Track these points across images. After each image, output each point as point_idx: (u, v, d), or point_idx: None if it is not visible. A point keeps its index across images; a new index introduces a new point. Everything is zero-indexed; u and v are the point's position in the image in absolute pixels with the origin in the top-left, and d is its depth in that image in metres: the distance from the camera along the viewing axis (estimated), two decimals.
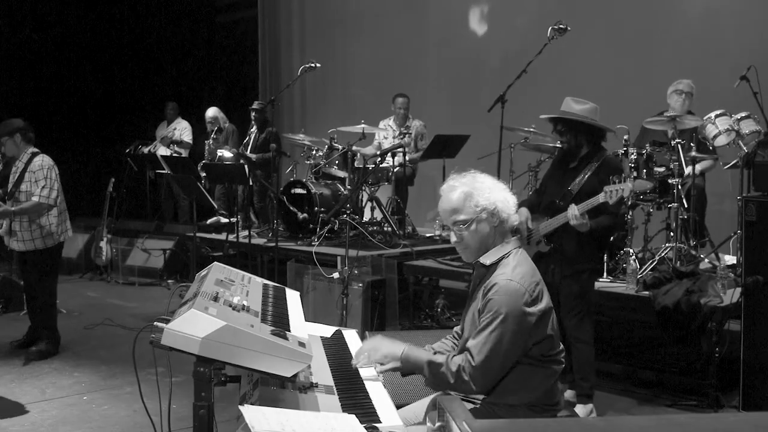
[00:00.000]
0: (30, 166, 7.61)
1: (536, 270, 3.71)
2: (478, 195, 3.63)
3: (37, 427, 6.00)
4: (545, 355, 3.65)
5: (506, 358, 3.52)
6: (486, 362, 3.49)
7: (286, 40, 15.02)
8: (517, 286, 3.52)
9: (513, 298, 3.50)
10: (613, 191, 5.46)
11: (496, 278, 3.58)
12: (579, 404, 5.93)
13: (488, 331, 3.50)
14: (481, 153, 8.64)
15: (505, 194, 3.70)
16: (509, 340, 3.48)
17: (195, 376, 2.99)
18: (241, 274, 3.92)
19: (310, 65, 9.36)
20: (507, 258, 3.66)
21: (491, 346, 3.48)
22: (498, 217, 3.64)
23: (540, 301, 3.58)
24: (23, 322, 8.25)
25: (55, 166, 7.72)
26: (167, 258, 11.71)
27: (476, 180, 3.70)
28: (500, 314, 3.48)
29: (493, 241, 3.69)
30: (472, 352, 3.51)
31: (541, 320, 3.58)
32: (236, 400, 3.45)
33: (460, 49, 12.18)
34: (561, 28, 7.52)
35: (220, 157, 11.10)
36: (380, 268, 8.28)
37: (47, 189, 7.59)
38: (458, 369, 3.53)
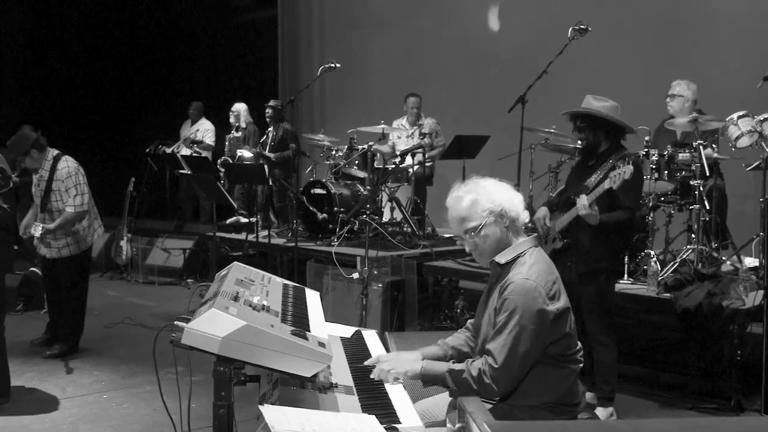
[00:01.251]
0: (56, 174, 7.47)
1: (553, 268, 3.71)
2: (483, 199, 3.64)
3: (58, 425, 6.02)
4: (563, 355, 3.64)
5: (526, 358, 3.51)
6: (507, 363, 3.47)
7: (305, 40, 15.03)
8: (534, 285, 3.51)
9: (530, 297, 3.49)
10: (616, 175, 5.42)
11: (512, 277, 3.57)
12: (599, 407, 5.89)
13: (507, 332, 3.49)
14: (500, 154, 8.62)
15: (510, 193, 3.69)
16: (528, 340, 3.47)
17: (215, 375, 2.99)
18: (261, 274, 3.92)
19: (329, 65, 9.35)
20: (523, 256, 3.65)
21: (511, 346, 3.47)
22: (507, 216, 3.64)
23: (557, 300, 3.57)
24: (43, 321, 8.28)
25: (80, 167, 7.64)
26: (187, 257, 11.74)
27: (479, 185, 3.70)
28: (517, 314, 3.48)
29: (506, 241, 3.69)
30: (492, 354, 3.50)
31: (559, 319, 3.56)
32: (255, 399, 3.45)
33: (479, 48, 12.15)
34: (582, 28, 7.49)
35: (240, 157, 11.11)
36: (400, 268, 8.26)
37: (79, 196, 7.52)
38: (479, 373, 3.51)
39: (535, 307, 3.48)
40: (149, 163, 12.74)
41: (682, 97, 7.81)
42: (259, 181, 9.99)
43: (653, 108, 8.16)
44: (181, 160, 11.15)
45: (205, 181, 9.57)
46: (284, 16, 15.20)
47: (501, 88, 10.58)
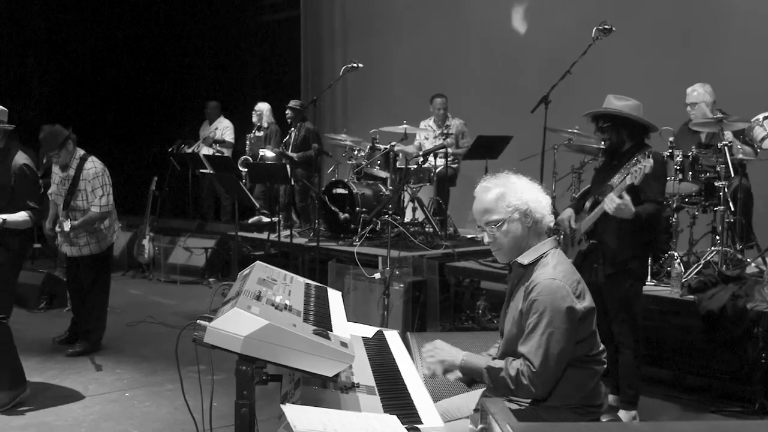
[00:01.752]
0: (83, 174, 7.55)
1: (575, 269, 3.70)
2: (511, 195, 3.64)
3: (80, 422, 6.05)
4: (587, 355, 3.63)
5: (561, 357, 3.50)
6: (543, 364, 3.47)
7: (328, 40, 15.04)
8: (561, 284, 3.51)
9: (558, 296, 3.49)
10: (636, 170, 5.37)
11: (537, 278, 3.57)
12: (622, 410, 5.85)
13: (539, 334, 3.48)
14: (523, 154, 8.59)
15: (538, 194, 3.69)
16: (561, 339, 3.47)
17: (237, 374, 2.99)
18: (284, 274, 3.92)
19: (352, 65, 9.34)
20: (545, 257, 3.65)
21: (545, 347, 3.47)
22: (531, 217, 3.64)
23: (583, 299, 3.56)
24: (66, 319, 8.32)
25: (105, 168, 7.71)
26: (209, 257, 11.77)
27: (509, 180, 3.71)
28: (548, 314, 3.48)
29: (527, 241, 3.70)
30: (528, 358, 3.50)
31: (585, 318, 3.57)
32: (276, 399, 3.45)
33: (502, 48, 12.12)
34: (606, 28, 7.45)
35: (262, 156, 11.13)
36: (421, 269, 8.25)
37: (104, 197, 7.59)
38: (517, 373, 3.51)
39: (564, 305, 3.48)
40: (172, 162, 12.79)
41: (701, 103, 7.76)
42: (281, 181, 10.00)
43: (677, 108, 8.10)
44: (204, 159, 11.19)
45: (228, 180, 9.60)
46: (307, 16, 15.21)
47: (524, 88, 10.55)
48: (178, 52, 16.73)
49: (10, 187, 6.15)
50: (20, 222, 6.20)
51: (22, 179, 6.18)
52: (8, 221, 6.10)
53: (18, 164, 6.19)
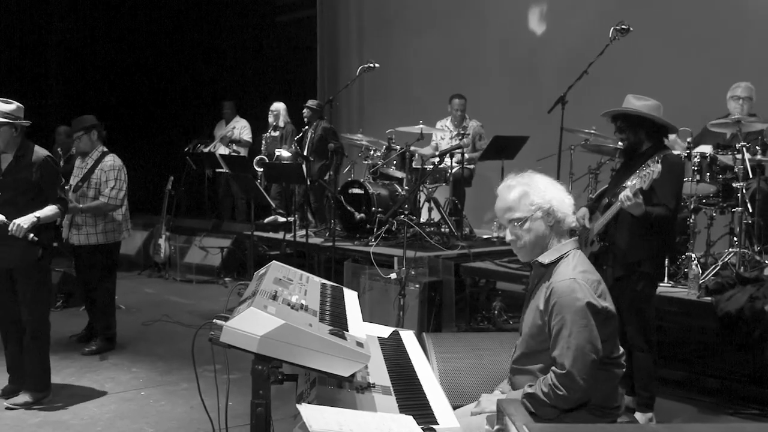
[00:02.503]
0: (102, 164, 7.73)
1: (596, 270, 3.69)
2: (534, 193, 3.65)
3: (96, 420, 6.06)
4: (608, 358, 3.62)
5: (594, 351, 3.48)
6: (575, 364, 3.45)
7: (344, 40, 15.04)
8: (582, 284, 3.52)
9: (577, 295, 3.49)
10: (645, 175, 5.33)
11: (557, 278, 3.57)
12: (638, 412, 5.82)
13: (566, 335, 3.48)
14: (540, 154, 8.55)
15: (562, 194, 3.69)
16: (588, 334, 3.47)
17: (253, 374, 2.99)
18: (300, 273, 3.92)
19: (369, 65, 9.34)
20: (566, 258, 3.65)
21: (575, 346, 3.46)
22: (554, 216, 3.64)
23: (604, 299, 3.55)
24: (83, 317, 8.36)
25: (124, 167, 7.86)
26: (224, 256, 11.79)
27: (533, 179, 3.71)
28: (569, 315, 3.48)
29: (549, 240, 3.70)
30: (558, 361, 3.49)
31: (607, 319, 3.55)
32: (291, 398, 3.45)
33: (519, 48, 12.09)
34: (623, 28, 7.42)
35: (278, 156, 11.13)
36: (437, 269, 8.23)
37: (116, 190, 7.71)
38: (550, 388, 3.49)
39: (584, 301, 3.48)
40: (188, 162, 12.81)
41: (749, 99, 7.71)
42: (296, 181, 10.00)
43: (696, 109, 8.06)
44: (220, 159, 11.20)
45: (244, 180, 9.61)
46: (323, 16, 15.22)
47: (541, 89, 10.53)
48: (195, 52, 16.76)
49: (32, 182, 6.14)
50: (51, 216, 6.19)
51: (47, 171, 6.17)
52: (42, 218, 6.10)
53: (41, 157, 6.18)
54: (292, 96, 13.37)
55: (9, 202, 6.13)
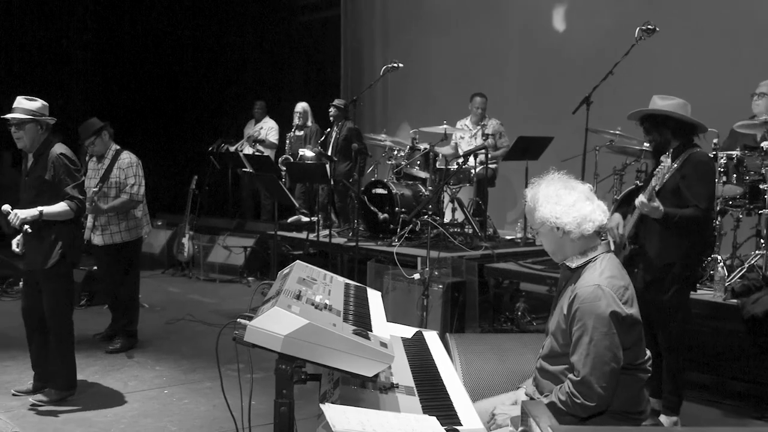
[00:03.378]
0: (118, 163, 7.77)
1: (626, 275, 3.67)
2: (541, 207, 3.69)
3: (119, 418, 6.09)
4: (633, 364, 3.60)
5: (614, 360, 3.47)
6: (594, 372, 3.45)
7: (368, 40, 15.05)
8: (606, 291, 3.49)
9: (600, 303, 3.47)
10: (657, 171, 5.30)
11: (582, 283, 3.56)
12: (664, 415, 5.78)
13: (586, 342, 3.47)
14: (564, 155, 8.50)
15: (572, 204, 3.66)
16: (609, 343, 3.46)
17: (277, 373, 2.99)
18: (323, 273, 3.92)
19: (392, 65, 9.34)
20: (594, 262, 3.63)
21: (594, 355, 3.45)
22: (561, 229, 3.64)
23: (630, 306, 3.53)
24: (107, 316, 8.40)
25: (140, 162, 7.92)
26: (248, 255, 11.81)
27: (541, 191, 3.73)
28: (591, 322, 3.47)
29: (566, 249, 3.71)
30: (576, 367, 3.49)
31: (633, 325, 3.53)
32: (314, 398, 3.45)
33: (543, 48, 12.05)
34: (649, 28, 7.36)
35: (301, 156, 11.15)
36: (461, 269, 8.22)
37: (137, 186, 7.79)
38: (567, 396, 3.50)
39: (608, 311, 3.46)
40: (212, 161, 12.84)
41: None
42: (320, 181, 10.01)
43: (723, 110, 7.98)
44: (244, 158, 11.23)
45: (267, 179, 9.62)
46: (347, 16, 15.24)
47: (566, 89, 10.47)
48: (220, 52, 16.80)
49: (48, 181, 6.16)
50: (59, 213, 6.13)
51: (59, 168, 6.17)
52: (45, 213, 6.09)
53: (55, 154, 6.18)
54: (316, 96, 13.39)
55: (31, 202, 6.16)
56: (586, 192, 3.71)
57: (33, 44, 15.74)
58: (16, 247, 6.29)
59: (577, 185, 3.74)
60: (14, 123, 6.15)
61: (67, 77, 16.38)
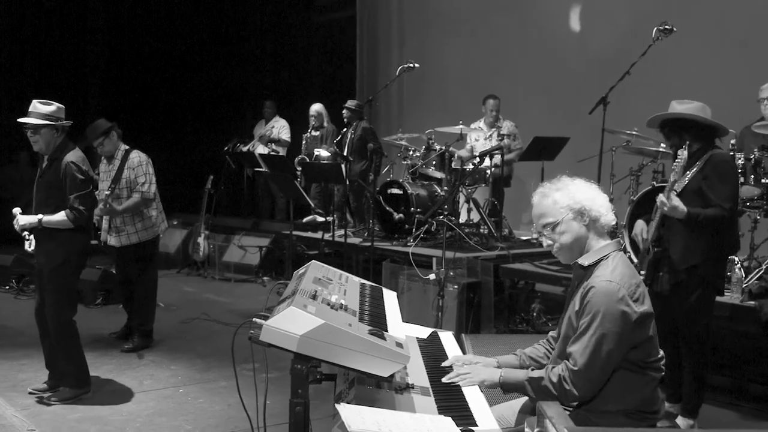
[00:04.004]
0: (128, 163, 7.77)
1: (636, 273, 3.66)
2: (563, 196, 3.65)
3: (135, 417, 6.10)
4: (644, 361, 3.58)
5: (609, 361, 3.47)
6: (588, 366, 3.44)
7: (384, 40, 15.04)
8: (617, 287, 3.47)
9: (613, 300, 3.45)
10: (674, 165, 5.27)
11: (594, 280, 3.54)
12: (681, 417, 5.75)
13: (589, 334, 3.46)
14: (580, 156, 8.49)
15: (593, 193, 3.68)
16: (611, 342, 3.44)
17: (292, 373, 3.00)
18: (339, 273, 3.92)
19: (408, 65, 9.33)
20: (606, 260, 3.62)
21: (593, 348, 3.44)
22: (587, 215, 3.63)
23: (641, 303, 3.51)
24: (122, 315, 8.42)
25: (150, 160, 7.92)
26: (263, 255, 11.82)
27: (562, 183, 3.71)
28: (600, 316, 3.45)
29: (586, 241, 3.68)
30: (574, 357, 3.47)
31: (642, 323, 3.51)
32: (329, 398, 3.45)
33: (560, 49, 12.01)
34: (666, 28, 7.32)
35: (317, 156, 11.15)
36: (476, 270, 8.20)
37: (147, 184, 7.79)
38: (559, 379, 3.49)
39: (618, 309, 3.44)
40: (227, 161, 12.87)
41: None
42: (335, 181, 10.01)
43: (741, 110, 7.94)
44: (259, 158, 11.24)
45: (283, 179, 9.63)
46: (363, 16, 15.23)
47: (582, 90, 10.44)
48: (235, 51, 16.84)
49: (58, 187, 6.19)
50: (57, 222, 6.17)
51: (67, 176, 6.20)
52: (44, 221, 6.14)
53: (66, 162, 6.20)
54: (331, 96, 13.39)
55: (43, 204, 6.26)
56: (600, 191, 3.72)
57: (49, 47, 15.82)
58: (28, 247, 6.33)
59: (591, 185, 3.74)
60: (30, 127, 6.17)
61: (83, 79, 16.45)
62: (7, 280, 10.46)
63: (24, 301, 9.80)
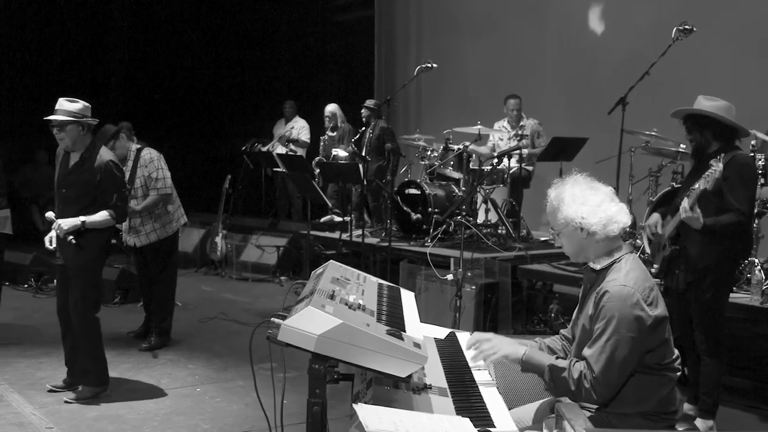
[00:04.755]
0: (140, 161, 7.79)
1: (649, 276, 3.65)
2: (565, 207, 3.64)
3: (152, 416, 6.11)
4: (660, 364, 3.57)
5: (624, 365, 3.46)
6: (605, 372, 3.43)
7: (402, 40, 15.02)
8: (631, 291, 3.46)
9: (627, 303, 3.44)
10: (708, 175, 5.22)
11: (608, 284, 3.53)
12: (700, 419, 5.71)
13: (604, 339, 3.45)
14: (599, 156, 8.45)
15: (597, 204, 3.61)
16: (626, 347, 3.43)
17: (310, 372, 2.99)
18: (357, 273, 3.91)
19: (426, 65, 9.32)
20: (618, 263, 3.61)
21: (608, 354, 3.43)
22: (586, 230, 3.60)
23: (655, 306, 3.50)
24: (140, 314, 8.44)
25: (161, 156, 7.94)
26: (280, 255, 11.83)
27: (566, 190, 3.68)
28: (615, 321, 3.44)
29: (594, 246, 3.66)
30: (590, 362, 3.46)
31: (657, 326, 3.50)
32: (346, 398, 3.44)
33: (578, 49, 11.96)
34: (686, 28, 7.28)
35: (334, 156, 11.15)
36: (494, 270, 8.19)
37: (161, 180, 7.81)
38: (580, 376, 3.47)
39: (633, 313, 3.43)
40: (245, 160, 12.88)
41: None
42: (353, 181, 10.01)
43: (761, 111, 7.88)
44: (277, 158, 11.24)
45: (300, 179, 9.63)
46: (381, 16, 15.21)
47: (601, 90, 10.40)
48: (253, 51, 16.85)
49: (94, 185, 6.21)
50: (101, 222, 6.23)
51: (107, 176, 6.22)
52: (87, 222, 6.17)
53: (104, 160, 6.23)
54: (349, 96, 13.38)
55: (72, 200, 6.25)
56: (610, 194, 3.68)
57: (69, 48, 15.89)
58: (49, 244, 6.36)
59: (601, 187, 3.70)
60: (56, 125, 6.19)
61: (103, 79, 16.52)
62: (25, 278, 10.51)
63: (42, 300, 9.83)
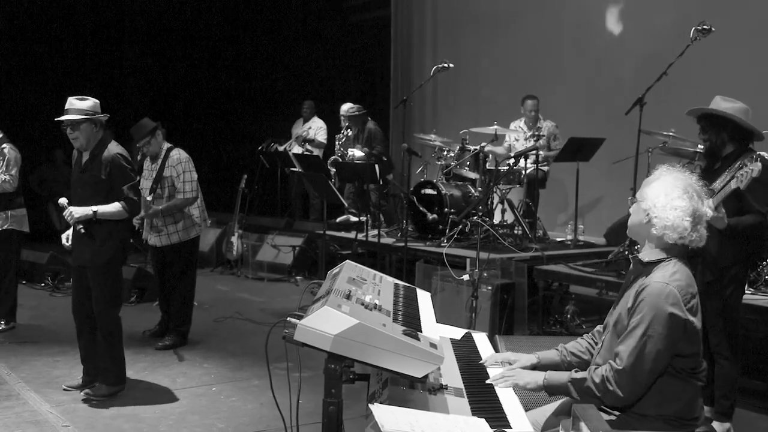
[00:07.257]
0: (168, 161, 7.81)
1: (695, 283, 3.59)
2: (655, 186, 3.66)
3: (168, 415, 6.13)
4: (689, 370, 3.54)
5: (656, 363, 3.43)
6: (635, 366, 3.41)
7: (418, 40, 15.00)
8: (671, 290, 3.44)
9: (666, 302, 3.42)
10: (743, 174, 5.17)
11: (650, 280, 3.51)
12: (716, 422, 5.68)
13: (638, 334, 3.43)
14: (616, 156, 8.44)
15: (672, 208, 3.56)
16: (659, 343, 3.40)
17: (326, 372, 3.00)
18: (373, 273, 3.91)
19: (443, 65, 9.30)
20: (668, 262, 3.57)
21: (641, 349, 3.41)
22: (650, 217, 3.58)
23: (693, 314, 3.46)
24: (156, 313, 8.47)
25: (190, 158, 7.94)
26: (296, 255, 11.84)
27: (669, 177, 3.69)
28: (650, 317, 3.42)
29: (646, 237, 3.66)
30: (621, 356, 3.44)
31: (692, 333, 3.47)
32: (361, 398, 3.44)
33: (595, 49, 11.91)
34: (705, 29, 7.24)
35: (351, 156, 11.15)
36: (510, 271, 8.17)
37: (189, 183, 7.82)
38: (602, 380, 3.45)
39: (668, 310, 3.40)
40: (261, 160, 12.91)
41: None
42: (369, 181, 10.00)
43: None
44: (293, 158, 11.26)
45: (317, 179, 9.63)
46: (397, 16, 15.19)
47: (619, 90, 10.36)
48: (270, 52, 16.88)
49: (103, 180, 6.21)
50: (113, 213, 6.21)
51: (116, 169, 6.23)
52: (99, 213, 6.16)
53: (111, 153, 6.23)
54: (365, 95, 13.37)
55: (86, 199, 6.24)
56: (700, 210, 3.61)
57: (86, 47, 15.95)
58: (66, 242, 6.38)
59: (699, 200, 3.63)
60: (69, 124, 6.20)
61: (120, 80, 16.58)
62: (42, 277, 10.55)
63: (59, 298, 9.88)
